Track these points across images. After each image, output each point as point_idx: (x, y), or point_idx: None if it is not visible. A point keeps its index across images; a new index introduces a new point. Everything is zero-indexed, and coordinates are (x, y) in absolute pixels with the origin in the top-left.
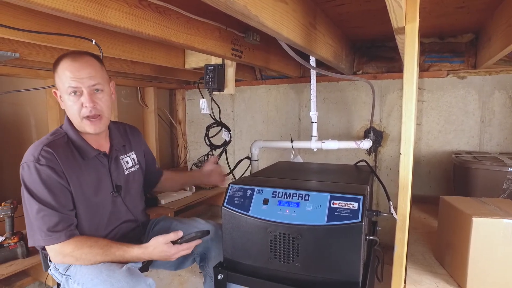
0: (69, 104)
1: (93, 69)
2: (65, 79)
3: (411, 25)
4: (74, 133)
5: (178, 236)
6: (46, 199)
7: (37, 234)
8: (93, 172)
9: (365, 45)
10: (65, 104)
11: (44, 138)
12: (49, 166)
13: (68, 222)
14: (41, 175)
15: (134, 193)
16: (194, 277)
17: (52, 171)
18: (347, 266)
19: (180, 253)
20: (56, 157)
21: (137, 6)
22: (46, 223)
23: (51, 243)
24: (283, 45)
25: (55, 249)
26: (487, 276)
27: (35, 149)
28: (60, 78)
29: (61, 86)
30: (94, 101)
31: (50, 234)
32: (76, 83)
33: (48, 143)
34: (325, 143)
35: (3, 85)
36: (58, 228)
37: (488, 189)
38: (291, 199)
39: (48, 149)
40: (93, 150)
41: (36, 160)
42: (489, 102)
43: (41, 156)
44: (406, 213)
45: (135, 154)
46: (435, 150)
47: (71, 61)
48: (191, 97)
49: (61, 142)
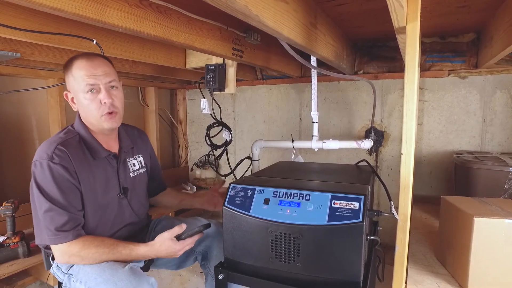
0: (86, 103)
1: (107, 66)
2: (81, 78)
3: (412, 25)
4: (86, 133)
5: (182, 228)
6: (56, 198)
7: (44, 233)
8: (102, 172)
9: (366, 44)
10: (81, 104)
11: (57, 136)
12: (62, 165)
13: (76, 222)
14: (54, 173)
15: (139, 195)
16: (195, 277)
17: (64, 170)
18: (348, 266)
19: (184, 248)
20: (70, 156)
21: (138, 6)
22: (54, 222)
23: (58, 242)
24: (284, 44)
25: (61, 249)
26: (489, 277)
27: (49, 147)
28: (75, 78)
29: (76, 86)
30: (111, 97)
31: (57, 233)
32: (93, 80)
33: (62, 142)
34: (326, 143)
35: (5, 85)
36: (66, 227)
37: (489, 189)
38: (292, 199)
39: (62, 148)
40: (104, 150)
41: (49, 158)
42: (491, 102)
43: (55, 155)
44: (407, 213)
45: (142, 157)
46: (436, 150)
47: (86, 60)
48: (192, 97)
49: (73, 142)
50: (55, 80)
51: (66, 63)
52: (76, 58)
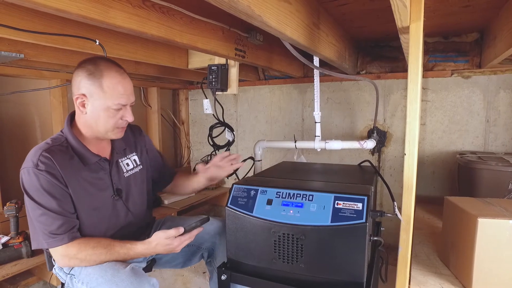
0: (105, 117)
1: (132, 84)
2: (115, 95)
3: (415, 25)
4: (74, 140)
5: (179, 232)
6: (47, 204)
7: (39, 236)
8: (94, 176)
9: (369, 44)
10: (97, 114)
11: (44, 143)
12: (48, 171)
13: (71, 225)
14: (40, 180)
15: (136, 195)
16: (198, 277)
17: (51, 176)
18: (351, 267)
19: (183, 243)
20: (55, 163)
21: (141, 7)
22: (49, 226)
23: (55, 245)
24: (286, 45)
25: (59, 252)
26: (493, 277)
27: (34, 155)
28: (105, 91)
29: (101, 101)
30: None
31: (53, 236)
32: (125, 100)
33: (47, 148)
34: (329, 143)
35: (8, 86)
36: (61, 230)
37: (493, 190)
38: (295, 199)
39: (46, 155)
40: (93, 156)
41: (35, 166)
42: (494, 102)
43: (39, 162)
44: (411, 214)
45: (136, 156)
46: (440, 150)
47: (119, 76)
48: (194, 97)
49: (60, 148)
50: (58, 81)
51: (92, 70)
52: (106, 68)
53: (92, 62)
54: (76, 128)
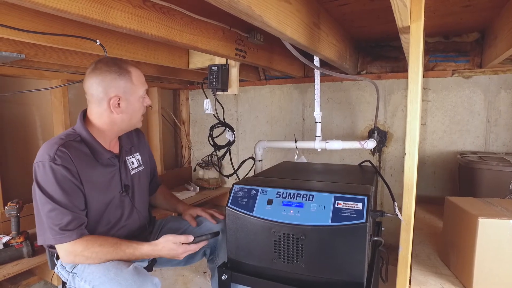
0: (138, 107)
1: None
2: (140, 86)
3: (416, 25)
4: (88, 135)
5: (188, 240)
6: (59, 198)
7: (47, 232)
8: (105, 172)
9: (369, 44)
10: (132, 107)
11: (58, 138)
12: (64, 166)
13: (80, 222)
14: (56, 174)
15: (140, 193)
16: (198, 277)
17: (67, 171)
18: (352, 267)
19: (187, 252)
20: (71, 157)
21: (141, 7)
22: (59, 221)
23: (62, 241)
24: (287, 45)
25: (66, 249)
26: (493, 278)
27: (50, 149)
28: (136, 86)
29: (134, 94)
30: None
31: (62, 232)
32: (146, 85)
33: (63, 143)
34: (329, 143)
35: (9, 86)
36: (70, 227)
37: (494, 190)
38: (295, 199)
39: (63, 149)
40: (107, 152)
41: (51, 160)
42: (495, 102)
43: (56, 156)
44: (411, 214)
45: (140, 155)
46: (440, 150)
47: (137, 69)
48: (195, 97)
49: (75, 143)
50: (59, 81)
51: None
52: (125, 65)
53: (112, 64)
54: (90, 125)
